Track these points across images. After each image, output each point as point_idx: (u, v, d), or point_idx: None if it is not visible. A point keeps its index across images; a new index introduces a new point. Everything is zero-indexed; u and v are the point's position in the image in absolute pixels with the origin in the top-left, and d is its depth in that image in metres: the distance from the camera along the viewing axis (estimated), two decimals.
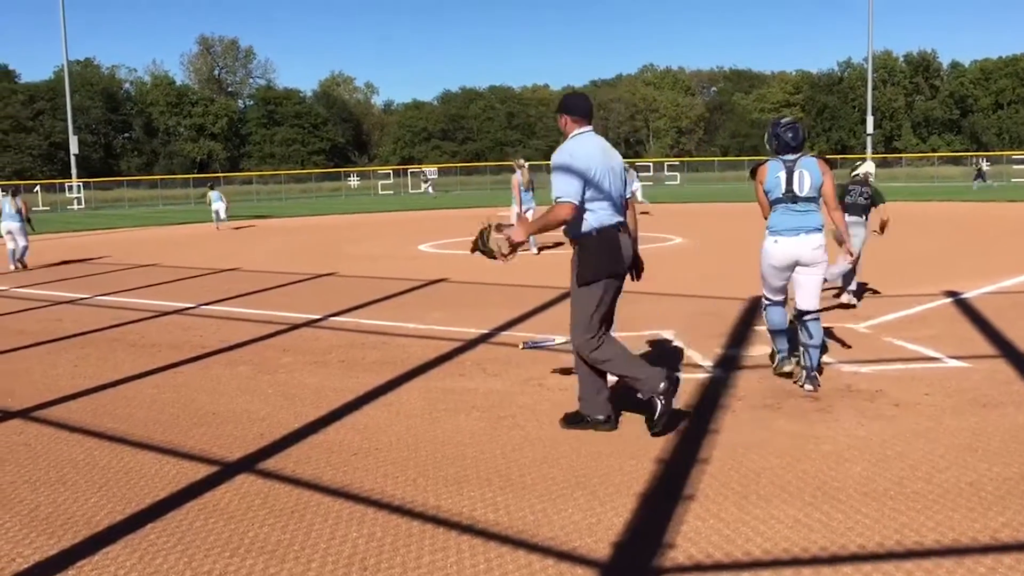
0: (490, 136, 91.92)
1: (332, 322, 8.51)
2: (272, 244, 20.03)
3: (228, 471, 4.21)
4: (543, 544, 3.27)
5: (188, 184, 56.83)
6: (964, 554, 3.08)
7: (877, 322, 7.54)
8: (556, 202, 4.29)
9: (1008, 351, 6.37)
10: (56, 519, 3.66)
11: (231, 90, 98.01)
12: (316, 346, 7.27)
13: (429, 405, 5.29)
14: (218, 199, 25.95)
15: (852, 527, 3.33)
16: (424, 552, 3.22)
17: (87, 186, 49.95)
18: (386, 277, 12.16)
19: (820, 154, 7.00)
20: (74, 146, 50.02)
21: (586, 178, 4.28)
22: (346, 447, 4.52)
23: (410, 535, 3.38)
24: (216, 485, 4.01)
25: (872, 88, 59.91)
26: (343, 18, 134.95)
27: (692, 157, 76.38)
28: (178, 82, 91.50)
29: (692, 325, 7.56)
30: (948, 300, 8.64)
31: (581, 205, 4.30)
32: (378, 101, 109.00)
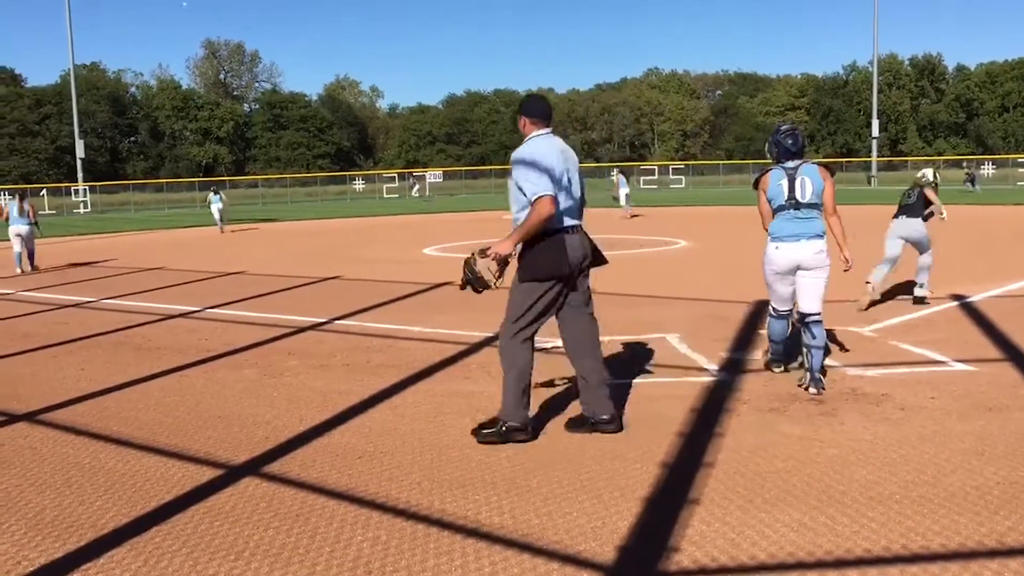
0: (495, 140, 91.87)
1: (337, 325, 8.52)
2: (277, 248, 20.06)
3: (233, 474, 4.22)
4: (548, 547, 3.27)
5: (194, 188, 56.96)
6: (970, 558, 3.07)
7: (883, 325, 7.53)
8: (533, 199, 4.29)
9: (1014, 355, 6.35)
10: (61, 522, 3.67)
11: (237, 94, 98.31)
12: (321, 349, 7.28)
13: (434, 408, 5.29)
14: (218, 202, 26.16)
15: (858, 531, 3.32)
16: (429, 555, 3.22)
17: (93, 190, 50.12)
18: (391, 280, 12.17)
19: (827, 158, 7.05)
20: (80, 150, 50.26)
21: (551, 175, 4.30)
22: (351, 450, 4.53)
23: (415, 538, 3.39)
24: (221, 488, 4.02)
25: (877, 91, 59.81)
26: (348, 22, 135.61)
27: (697, 160, 76.32)
28: (184, 86, 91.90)
29: (697, 328, 7.56)
30: (954, 303, 8.62)
31: (556, 197, 4.31)
32: (383, 105, 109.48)
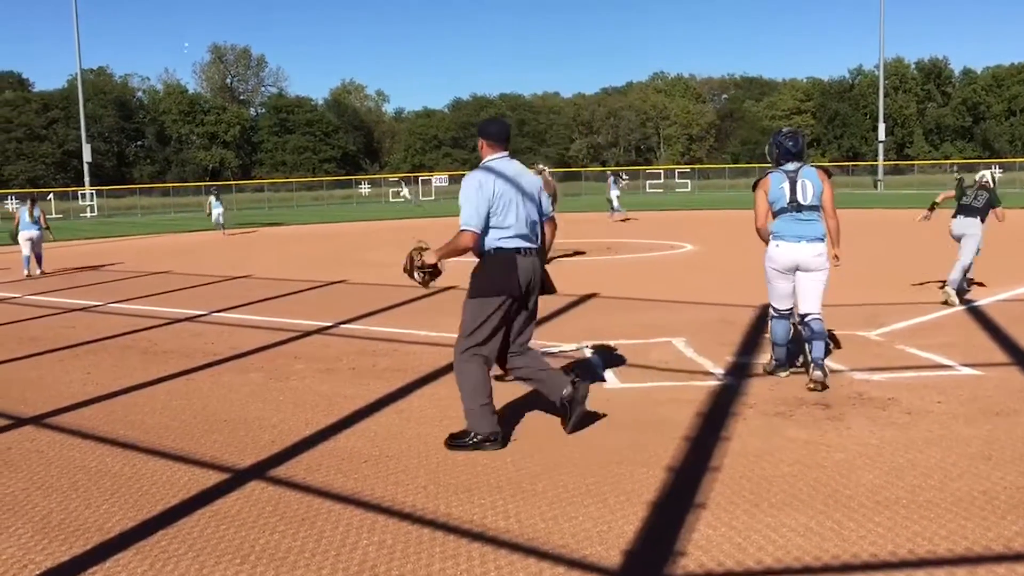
0: None
1: (343, 329, 8.53)
2: (283, 251, 20.10)
3: (239, 478, 4.22)
4: (554, 552, 3.26)
5: (200, 192, 56.95)
6: (977, 563, 3.06)
7: (889, 329, 7.51)
8: (460, 230, 4.57)
9: (1021, 359, 6.33)
10: (68, 526, 3.68)
11: (243, 98, 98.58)
12: (327, 353, 7.29)
13: (440, 412, 5.29)
14: (218, 205, 26.25)
15: (864, 535, 3.31)
16: (435, 559, 3.22)
17: (100, 194, 50.18)
18: (396, 284, 12.15)
19: (833, 162, 7.11)
20: (87, 154, 50.38)
21: (490, 207, 4.54)
22: (357, 454, 4.53)
23: (420, 542, 3.39)
24: (227, 492, 4.03)
25: (884, 95, 59.60)
26: (354, 26, 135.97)
27: (703, 164, 76.25)
28: (190, 90, 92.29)
29: (703, 332, 7.55)
30: (961, 308, 8.59)
31: (484, 232, 4.58)
32: (389, 109, 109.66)
